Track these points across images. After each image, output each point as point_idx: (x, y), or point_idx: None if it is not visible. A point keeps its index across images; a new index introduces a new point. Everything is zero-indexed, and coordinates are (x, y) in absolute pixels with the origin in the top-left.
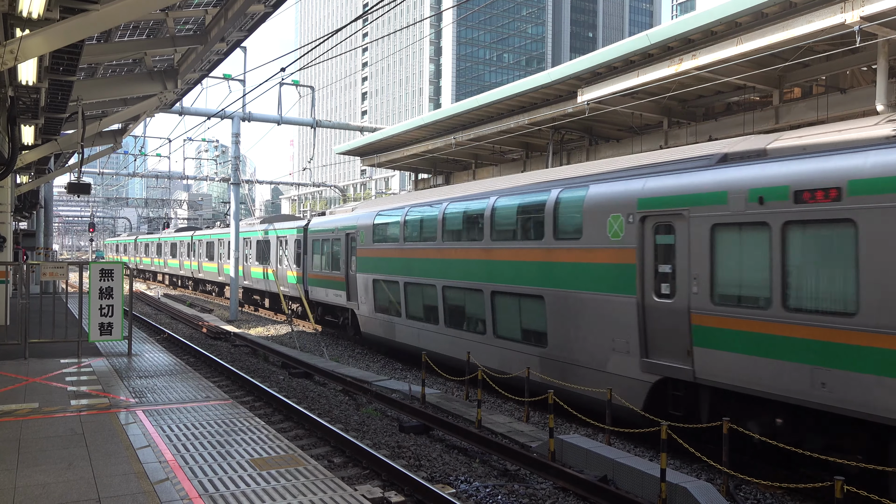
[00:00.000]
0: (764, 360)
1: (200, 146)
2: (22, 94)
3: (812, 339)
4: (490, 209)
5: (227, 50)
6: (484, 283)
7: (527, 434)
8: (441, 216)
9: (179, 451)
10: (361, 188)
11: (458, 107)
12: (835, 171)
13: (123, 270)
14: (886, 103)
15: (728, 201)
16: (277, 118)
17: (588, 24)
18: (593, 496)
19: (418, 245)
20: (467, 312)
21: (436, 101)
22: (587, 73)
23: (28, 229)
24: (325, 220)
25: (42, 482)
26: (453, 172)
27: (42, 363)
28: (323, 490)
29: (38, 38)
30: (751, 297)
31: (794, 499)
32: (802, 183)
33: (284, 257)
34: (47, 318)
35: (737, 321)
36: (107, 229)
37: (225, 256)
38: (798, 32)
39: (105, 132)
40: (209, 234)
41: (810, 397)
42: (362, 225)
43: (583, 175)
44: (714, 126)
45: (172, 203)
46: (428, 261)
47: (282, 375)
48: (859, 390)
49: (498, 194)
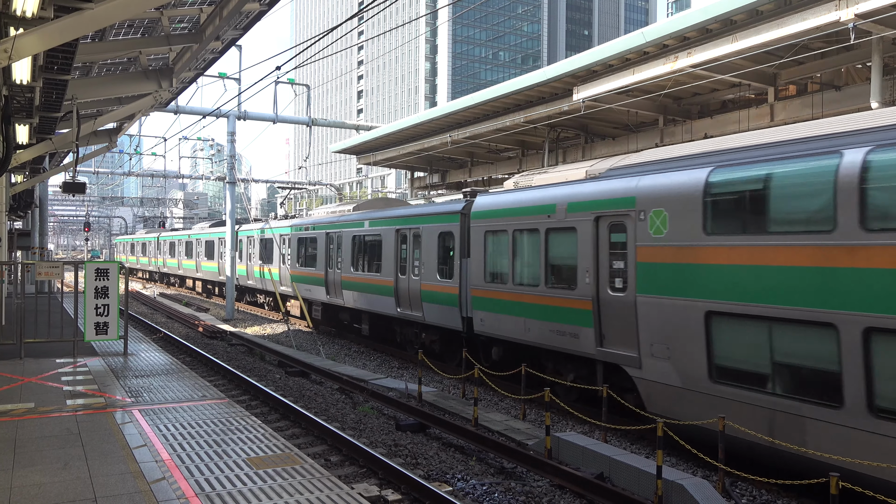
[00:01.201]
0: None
1: (196, 145)
2: (16, 93)
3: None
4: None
5: (223, 48)
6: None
7: (523, 432)
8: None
9: (176, 451)
10: (357, 186)
11: (453, 105)
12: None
13: (119, 269)
14: (881, 100)
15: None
16: (273, 117)
17: (584, 22)
18: (590, 493)
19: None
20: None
21: (431, 99)
22: (583, 70)
23: (23, 229)
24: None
25: (38, 482)
26: (449, 171)
27: (38, 363)
28: (319, 489)
29: (32, 37)
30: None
31: (790, 495)
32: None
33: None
34: (43, 317)
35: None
36: (102, 228)
37: (292, 258)
38: (793, 30)
39: (100, 131)
40: (268, 229)
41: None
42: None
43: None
44: (710, 123)
45: (168, 202)
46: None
47: (278, 374)
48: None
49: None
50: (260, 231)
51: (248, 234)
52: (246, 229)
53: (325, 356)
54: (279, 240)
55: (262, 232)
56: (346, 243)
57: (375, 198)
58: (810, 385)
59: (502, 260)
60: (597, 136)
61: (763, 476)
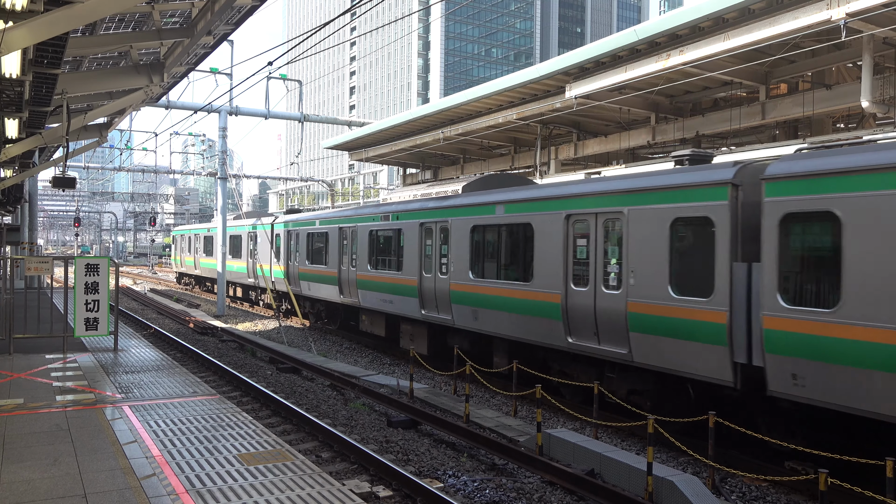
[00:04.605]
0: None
1: (187, 140)
2: (5, 87)
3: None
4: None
5: (214, 43)
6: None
7: (514, 428)
8: None
9: (166, 447)
10: (349, 183)
11: (446, 101)
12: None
13: (109, 265)
14: (871, 99)
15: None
16: (265, 112)
17: (576, 20)
18: (581, 490)
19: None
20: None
21: (424, 95)
22: (575, 68)
23: (13, 224)
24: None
25: (27, 478)
26: (441, 167)
27: (27, 359)
28: (311, 485)
29: (21, 31)
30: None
31: (779, 491)
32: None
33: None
34: (32, 313)
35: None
36: (92, 224)
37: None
38: (784, 28)
39: (90, 126)
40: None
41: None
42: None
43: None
44: (701, 121)
45: (159, 198)
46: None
47: (269, 370)
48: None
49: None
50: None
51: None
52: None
53: (317, 352)
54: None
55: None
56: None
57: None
58: None
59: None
60: (589, 134)
61: (753, 472)
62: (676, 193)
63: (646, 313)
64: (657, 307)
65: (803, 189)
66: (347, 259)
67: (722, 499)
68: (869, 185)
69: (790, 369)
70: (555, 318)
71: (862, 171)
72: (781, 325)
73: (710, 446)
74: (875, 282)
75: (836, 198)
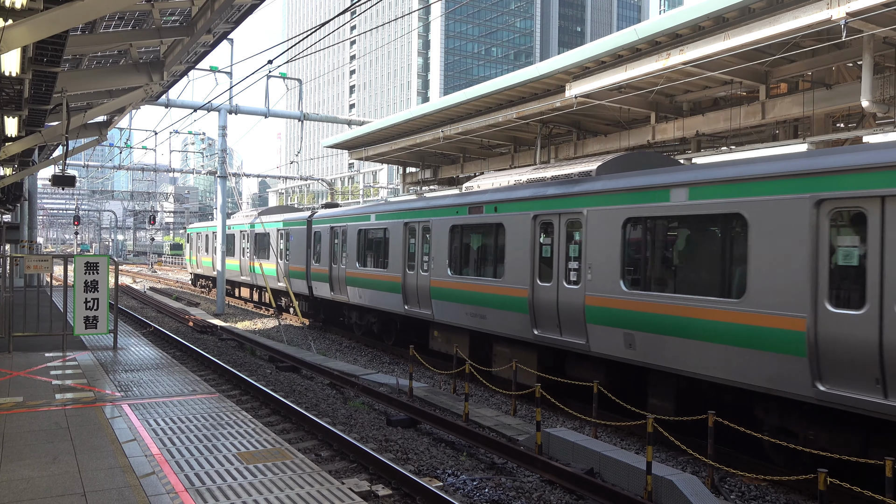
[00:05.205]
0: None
1: (187, 139)
2: (5, 85)
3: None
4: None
5: (214, 42)
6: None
7: (514, 427)
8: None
9: (165, 445)
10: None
11: (446, 101)
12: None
13: (108, 263)
14: (871, 99)
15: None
16: (265, 111)
17: (576, 19)
18: (580, 489)
19: None
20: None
21: (424, 94)
22: (575, 67)
23: (12, 222)
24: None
25: (26, 476)
26: (441, 166)
27: (26, 357)
28: (310, 483)
29: (21, 29)
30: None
31: (778, 490)
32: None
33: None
34: (32, 311)
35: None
36: (92, 222)
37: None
38: (784, 28)
39: (90, 124)
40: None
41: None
42: None
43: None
44: (701, 121)
45: (158, 196)
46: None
47: (269, 369)
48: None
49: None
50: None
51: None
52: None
53: (316, 351)
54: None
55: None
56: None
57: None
58: None
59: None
60: (589, 133)
61: (752, 472)
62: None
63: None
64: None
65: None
66: (416, 262)
67: (721, 498)
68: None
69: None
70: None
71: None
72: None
73: (709, 445)
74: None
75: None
